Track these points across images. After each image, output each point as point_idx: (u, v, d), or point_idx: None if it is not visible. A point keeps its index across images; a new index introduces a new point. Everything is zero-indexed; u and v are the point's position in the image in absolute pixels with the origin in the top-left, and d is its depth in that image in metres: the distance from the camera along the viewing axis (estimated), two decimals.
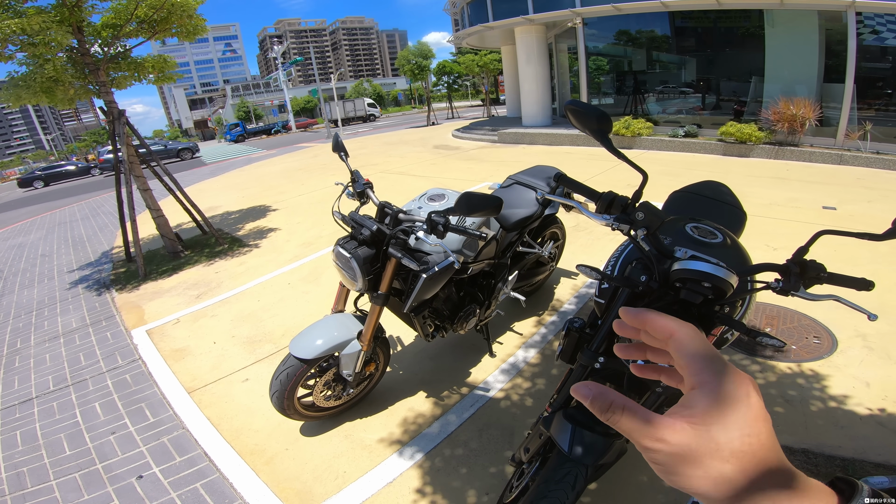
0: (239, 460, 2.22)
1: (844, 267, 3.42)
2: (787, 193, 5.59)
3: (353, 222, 2.03)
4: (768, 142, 7.89)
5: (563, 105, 1.18)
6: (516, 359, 2.79)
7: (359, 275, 1.94)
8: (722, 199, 1.99)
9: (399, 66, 23.60)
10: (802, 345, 2.67)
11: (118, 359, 3.32)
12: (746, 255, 1.43)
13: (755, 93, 9.24)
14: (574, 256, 4.14)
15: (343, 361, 2.11)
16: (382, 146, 14.86)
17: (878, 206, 4.92)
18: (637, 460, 1.98)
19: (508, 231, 2.62)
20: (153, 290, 4.60)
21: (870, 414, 2.12)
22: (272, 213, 7.24)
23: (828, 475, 1.74)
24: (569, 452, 1.26)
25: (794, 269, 1.06)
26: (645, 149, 9.53)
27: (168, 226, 5.40)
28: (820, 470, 1.85)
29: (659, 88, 11.81)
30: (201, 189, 11.02)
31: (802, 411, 2.19)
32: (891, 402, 2.18)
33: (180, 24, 5.02)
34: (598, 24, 11.69)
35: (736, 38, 9.84)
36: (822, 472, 1.84)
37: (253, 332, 3.47)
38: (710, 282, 1.06)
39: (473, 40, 16.89)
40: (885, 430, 2.02)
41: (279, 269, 4.70)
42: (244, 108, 50.27)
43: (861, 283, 1.01)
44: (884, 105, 7.66)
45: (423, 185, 7.93)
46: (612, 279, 1.27)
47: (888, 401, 2.19)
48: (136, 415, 2.66)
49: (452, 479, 2.01)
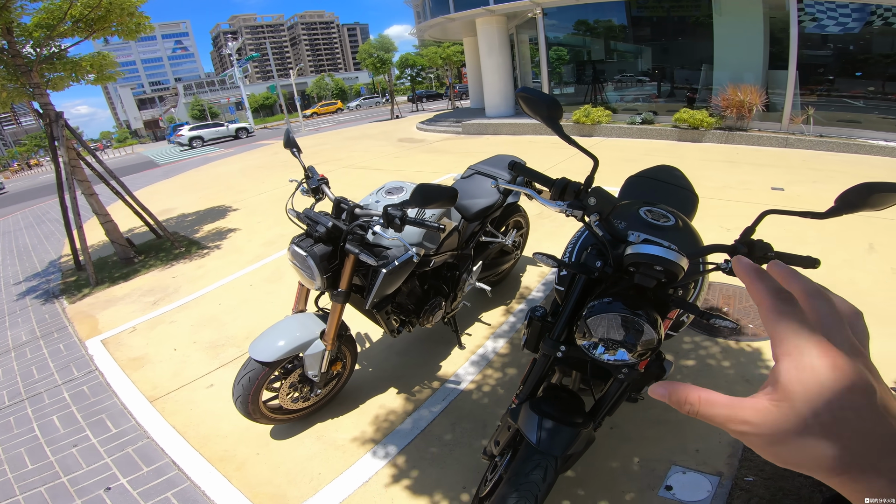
0: (209, 467, 2.17)
1: (794, 246, 3.60)
2: (739, 176, 5.84)
3: (307, 219, 1.97)
4: (719, 127, 8.21)
5: (515, 93, 1.17)
6: (485, 349, 2.80)
7: (316, 273, 1.89)
8: (675, 182, 2.04)
9: (360, 60, 23.18)
10: (759, 324, 2.75)
11: (73, 370, 3.18)
12: (698, 237, 1.45)
13: (706, 80, 9.59)
14: (539, 244, 4.19)
15: (307, 362, 2.05)
16: (345, 141, 14.59)
17: (823, 186, 5.20)
18: (608, 447, 2.01)
19: (470, 221, 2.61)
20: (106, 298, 4.37)
21: None
22: (232, 212, 6.99)
23: None
24: (537, 444, 1.27)
25: (741, 250, 1.08)
26: (605, 136, 9.74)
27: (118, 231, 5.13)
28: None
29: (617, 77, 12.08)
30: (154, 191, 10.52)
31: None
32: None
33: (120, 22, 4.74)
34: (557, 14, 11.82)
35: (688, 26, 10.17)
36: None
37: (215, 337, 3.35)
38: (662, 265, 1.07)
39: (435, 32, 16.76)
40: None
41: (240, 271, 4.54)
42: (198, 107, 48.24)
43: (807, 262, 1.03)
44: (825, 91, 8.06)
45: (387, 179, 7.81)
46: (568, 266, 1.27)
47: None
48: (98, 426, 2.56)
49: (428, 475, 2.00)
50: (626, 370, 1.28)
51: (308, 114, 40.01)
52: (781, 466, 0.30)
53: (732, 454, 1.89)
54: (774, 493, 1.70)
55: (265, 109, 51.18)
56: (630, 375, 1.29)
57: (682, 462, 1.89)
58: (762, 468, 1.80)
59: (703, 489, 1.76)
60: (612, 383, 1.38)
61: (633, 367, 1.27)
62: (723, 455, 1.90)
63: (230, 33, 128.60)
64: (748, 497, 1.70)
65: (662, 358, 1.37)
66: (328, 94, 56.75)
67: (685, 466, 1.87)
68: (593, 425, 1.39)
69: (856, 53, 7.76)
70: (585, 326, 1.17)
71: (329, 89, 56.73)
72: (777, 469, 1.79)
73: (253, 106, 44.98)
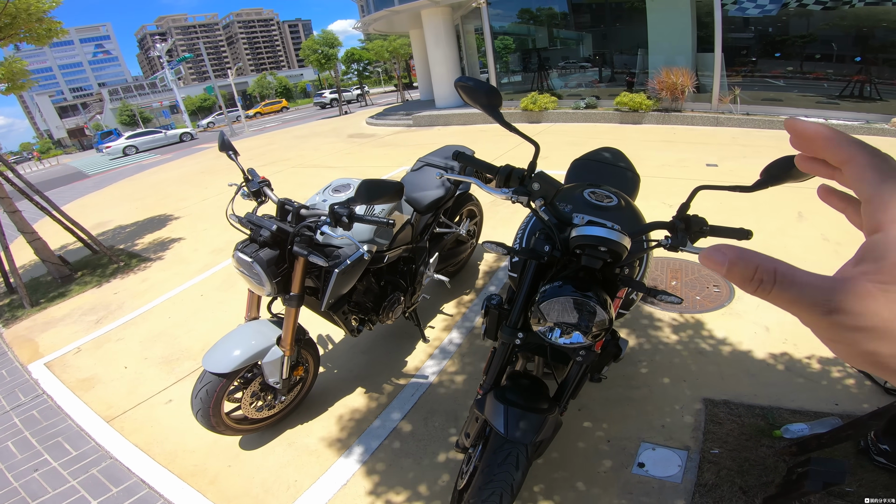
0: (181, 483, 2.10)
1: (729, 217, 3.84)
2: (676, 154, 6.16)
3: (250, 224, 1.89)
4: (656, 109, 8.62)
5: (454, 83, 1.17)
6: (450, 340, 2.82)
7: (265, 278, 1.83)
8: (617, 163, 2.12)
9: (303, 56, 22.42)
10: (705, 294, 2.92)
11: (20, 396, 3.00)
12: (640, 215, 1.49)
13: (642, 64, 9.98)
14: (494, 231, 4.26)
15: (266, 370, 1.99)
16: (293, 140, 14.13)
17: (752, 161, 5.58)
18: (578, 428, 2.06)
19: (423, 214, 2.60)
20: (44, 320, 4.07)
21: (775, 360, 2.32)
22: (174, 221, 6.62)
23: (751, 426, 1.86)
24: (505, 434, 1.26)
25: (679, 226, 1.12)
26: (552, 122, 9.98)
27: (48, 249, 4.75)
28: (744, 420, 1.96)
29: (561, 64, 12.37)
30: (85, 204, 9.78)
31: (715, 361, 2.35)
32: (790, 345, 2.38)
33: (29, 28, 4.37)
34: (501, 3, 11.93)
35: (624, 12, 10.53)
36: (745, 422, 1.95)
37: (168, 352, 3.20)
38: (606, 245, 1.08)
39: (381, 25, 16.48)
40: (792, 374, 2.21)
41: (189, 281, 4.33)
42: (128, 112, 45.15)
43: (740, 233, 1.08)
44: (749, 72, 8.57)
45: (340, 176, 7.66)
46: (517, 252, 1.27)
47: (788, 344, 2.39)
48: (56, 449, 2.44)
49: (405, 471, 2.00)
50: (583, 352, 1.29)
51: (251, 114, 38.39)
52: (873, 368, 0.24)
53: (696, 427, 1.98)
54: (741, 463, 1.77)
55: (204, 112, 48.59)
56: (588, 357, 1.31)
57: (651, 438, 1.97)
58: (725, 440, 1.88)
59: (673, 464, 1.83)
60: (572, 366, 1.40)
61: (590, 349, 1.29)
62: (688, 429, 1.99)
63: (158, 34, 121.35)
64: (717, 469, 1.77)
65: (618, 337, 1.41)
66: (272, 92, 54.71)
67: (654, 443, 1.94)
68: (559, 409, 1.40)
69: (775, 35, 8.27)
70: (539, 312, 1.18)
71: (272, 88, 54.66)
72: (740, 441, 1.87)
73: (190, 108, 42.65)
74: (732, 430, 1.93)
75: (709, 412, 2.04)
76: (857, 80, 7.28)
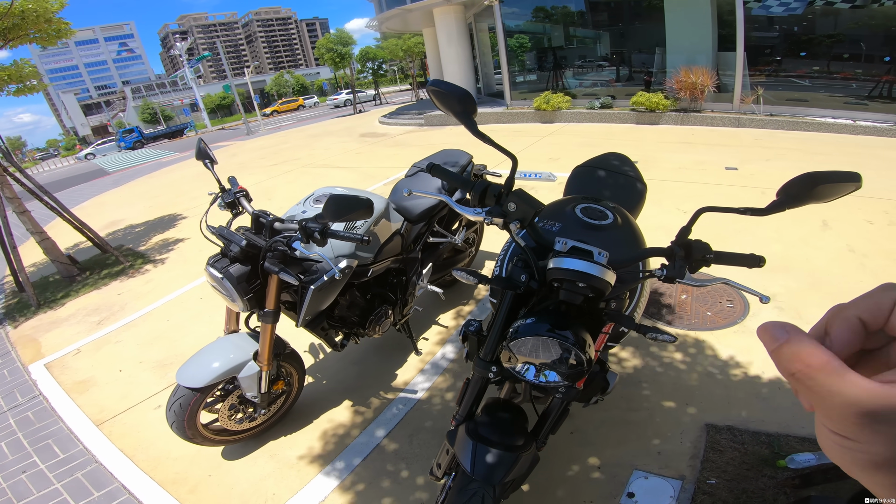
0: (161, 491, 2.09)
1: (748, 225, 3.60)
2: (694, 156, 5.94)
3: (222, 237, 1.83)
4: (674, 109, 8.36)
5: (426, 86, 1.07)
6: (443, 355, 2.72)
7: (236, 295, 1.76)
8: (621, 170, 1.99)
9: (318, 55, 22.56)
10: (717, 310, 2.71)
11: (17, 396, 3.04)
12: (638, 236, 1.36)
13: (660, 63, 9.72)
14: (497, 240, 4.12)
15: (243, 384, 1.93)
16: (306, 139, 14.19)
17: (775, 164, 5.33)
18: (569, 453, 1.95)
19: (414, 223, 2.49)
20: (49, 320, 4.11)
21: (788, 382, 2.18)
22: (182, 221, 6.66)
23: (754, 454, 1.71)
24: (472, 473, 1.17)
25: (678, 253, 0.97)
26: (566, 122, 9.78)
27: (57, 248, 4.81)
28: (747, 448, 1.84)
29: (577, 63, 12.14)
30: (102, 202, 9.97)
31: (723, 383, 2.20)
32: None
33: (38, 29, 4.41)
34: (515, 2, 11.77)
35: (643, 10, 10.27)
36: (748, 450, 1.83)
37: (163, 356, 3.18)
38: (585, 281, 0.97)
39: (395, 24, 16.47)
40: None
41: (190, 284, 4.32)
42: (149, 110, 46.14)
43: (751, 260, 0.93)
44: (773, 71, 8.27)
45: (348, 176, 7.64)
46: (489, 281, 1.15)
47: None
48: (45, 452, 2.48)
49: (386, 492, 1.93)
50: (563, 389, 1.18)
51: (268, 112, 38.83)
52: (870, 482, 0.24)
53: (694, 455, 1.86)
54: (738, 495, 1.65)
55: (223, 109, 49.42)
56: (569, 394, 1.20)
57: (644, 466, 1.85)
58: (724, 469, 1.76)
59: (665, 495, 1.71)
60: (552, 401, 1.29)
61: (571, 387, 1.17)
62: (685, 456, 1.86)
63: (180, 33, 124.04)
64: (712, 501, 1.65)
65: (607, 369, 1.29)
66: (289, 91, 55.28)
67: (647, 471, 1.82)
68: (536, 444, 1.30)
69: (800, 34, 7.96)
70: (510, 350, 1.07)
71: (289, 86, 55.25)
72: (740, 470, 1.74)
73: (209, 106, 43.37)
74: (733, 459, 1.80)
75: (710, 438, 1.91)
76: (886, 81, 6.94)
